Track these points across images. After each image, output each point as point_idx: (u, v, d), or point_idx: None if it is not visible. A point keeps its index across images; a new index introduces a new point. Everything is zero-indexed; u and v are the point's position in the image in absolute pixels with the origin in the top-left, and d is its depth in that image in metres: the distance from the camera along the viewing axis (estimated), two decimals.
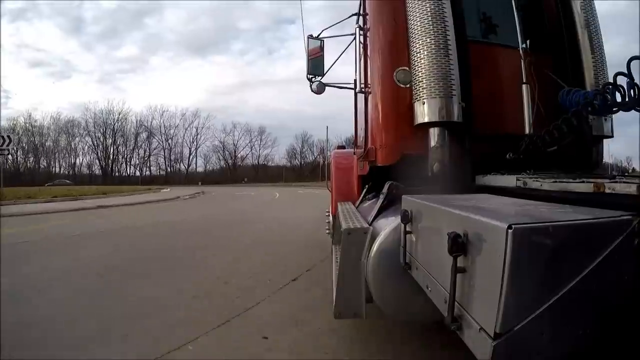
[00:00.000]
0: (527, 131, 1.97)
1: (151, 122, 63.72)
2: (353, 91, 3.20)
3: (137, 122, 61.57)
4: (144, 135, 62.42)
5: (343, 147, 5.25)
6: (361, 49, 2.46)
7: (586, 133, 1.76)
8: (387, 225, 1.66)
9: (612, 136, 2.15)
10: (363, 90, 2.41)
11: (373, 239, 1.64)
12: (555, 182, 1.23)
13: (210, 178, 58.63)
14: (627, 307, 0.77)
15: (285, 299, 3.16)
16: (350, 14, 2.90)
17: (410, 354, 2.13)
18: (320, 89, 3.17)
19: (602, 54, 2.18)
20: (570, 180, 1.18)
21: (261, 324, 2.63)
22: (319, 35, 3.10)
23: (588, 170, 2.11)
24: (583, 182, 1.10)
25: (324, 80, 3.18)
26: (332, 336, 2.39)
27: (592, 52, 2.14)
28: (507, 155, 1.93)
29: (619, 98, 1.36)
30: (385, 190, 1.95)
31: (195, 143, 65.29)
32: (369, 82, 2.32)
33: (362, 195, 2.78)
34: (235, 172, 62.50)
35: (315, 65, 3.10)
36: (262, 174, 61.35)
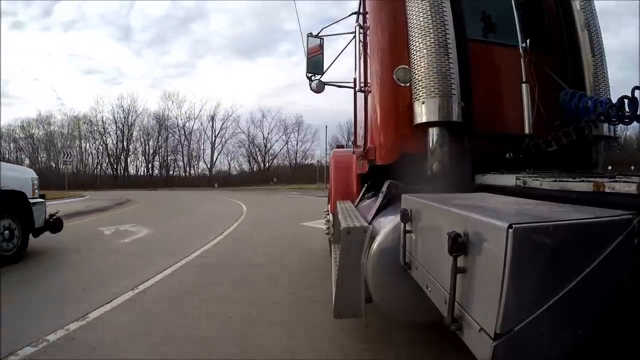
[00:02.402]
0: (526, 131, 1.97)
1: (166, 114, 51.40)
2: (352, 90, 3.20)
3: (155, 117, 50.67)
4: (162, 133, 51.11)
5: (342, 147, 5.25)
6: (361, 48, 2.45)
7: (588, 134, 1.76)
8: (387, 224, 1.66)
9: (612, 136, 2.15)
10: (363, 89, 2.40)
11: (373, 238, 1.64)
12: (555, 181, 1.23)
13: (235, 179, 48.02)
14: (627, 307, 0.77)
15: None
16: (350, 13, 2.90)
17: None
18: (319, 88, 3.17)
19: (601, 53, 2.18)
20: (570, 179, 1.18)
21: None
22: (318, 33, 3.09)
23: (588, 169, 2.11)
24: (583, 181, 1.10)
25: (324, 78, 3.17)
26: None
27: (592, 51, 2.14)
28: (507, 155, 1.93)
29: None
30: (384, 189, 1.95)
31: (215, 138, 52.03)
32: (368, 80, 2.32)
33: (361, 194, 2.78)
34: (267, 171, 49.97)
35: (315, 63, 3.09)
36: (300, 172, 48.40)
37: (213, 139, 51.65)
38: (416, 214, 1.37)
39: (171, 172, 52.07)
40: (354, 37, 2.56)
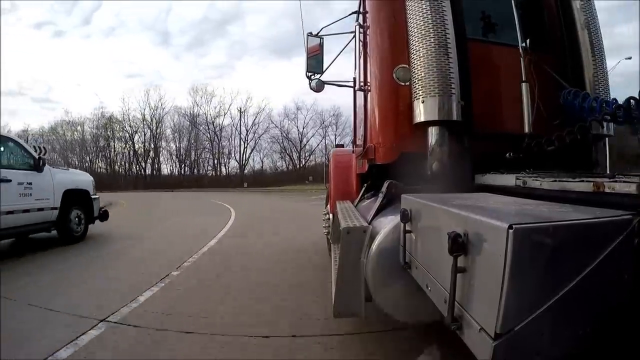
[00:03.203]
0: (526, 130, 1.97)
1: (196, 111, 46.39)
2: (352, 89, 3.20)
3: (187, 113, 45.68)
4: (191, 130, 46.37)
5: (342, 146, 5.25)
6: (361, 47, 2.45)
7: (584, 133, 1.76)
8: (387, 224, 1.66)
9: (612, 135, 2.16)
10: (362, 88, 2.40)
11: (372, 238, 1.64)
12: (555, 181, 1.23)
13: (268, 177, 42.77)
14: (627, 307, 0.77)
15: None
16: (350, 12, 2.89)
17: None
18: (319, 87, 3.17)
19: (601, 52, 2.18)
20: (570, 179, 1.18)
21: None
22: (318, 32, 3.09)
23: (588, 168, 2.12)
24: (582, 181, 1.10)
25: (323, 77, 3.17)
26: None
27: (591, 50, 2.14)
28: (507, 155, 1.93)
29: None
30: (384, 189, 1.95)
31: (247, 133, 45.90)
32: (368, 80, 2.32)
33: (360, 194, 2.78)
34: (302, 169, 43.86)
35: (315, 63, 3.09)
36: None
37: (244, 135, 45.78)
38: (416, 214, 1.37)
39: (201, 172, 46.87)
40: (354, 36, 2.56)
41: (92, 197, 5.99)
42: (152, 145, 46.68)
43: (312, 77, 3.12)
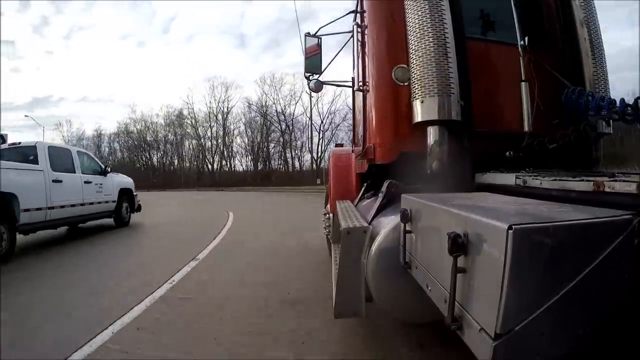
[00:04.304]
0: (526, 129, 1.97)
1: (264, 100, 40.46)
2: (351, 89, 3.19)
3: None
4: (260, 121, 40.67)
5: (341, 145, 5.24)
6: (359, 47, 2.44)
7: (589, 132, 1.76)
8: (387, 224, 1.66)
9: (611, 134, 2.16)
10: (361, 88, 2.40)
11: (373, 238, 1.64)
12: (555, 180, 1.23)
13: None
14: (627, 307, 0.77)
15: None
16: (348, 12, 2.89)
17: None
18: (318, 87, 3.16)
19: (601, 50, 2.18)
20: (570, 178, 1.18)
21: None
22: (316, 33, 3.08)
23: (588, 167, 2.11)
24: (582, 180, 1.10)
25: (322, 78, 3.17)
26: None
27: (591, 49, 2.13)
28: (507, 153, 1.93)
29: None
30: (384, 188, 1.95)
31: (322, 123, 38.22)
32: (367, 80, 2.31)
33: (360, 194, 2.78)
34: None
35: (313, 63, 3.09)
36: None
37: (320, 124, 38.24)
38: (416, 214, 1.37)
39: (273, 167, 41.20)
40: (352, 36, 2.56)
41: (134, 194, 8.28)
42: (217, 141, 42.63)
43: (311, 77, 3.11)
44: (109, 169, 7.46)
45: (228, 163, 43.48)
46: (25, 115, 46.91)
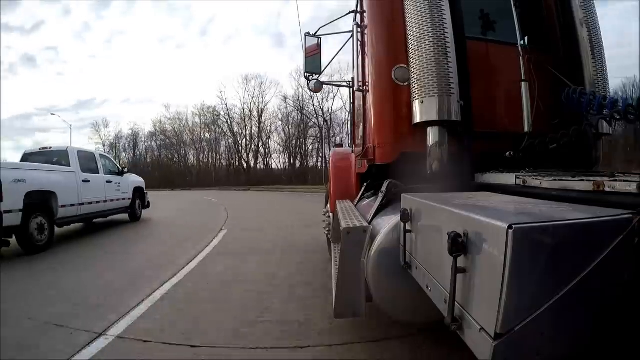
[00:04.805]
0: (526, 129, 1.97)
1: (300, 94, 36.52)
2: (351, 89, 3.19)
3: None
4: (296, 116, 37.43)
5: (341, 146, 5.24)
6: (359, 47, 2.44)
7: (589, 131, 1.76)
8: (387, 224, 1.66)
9: (610, 133, 2.15)
10: (361, 88, 2.40)
11: (373, 238, 1.64)
12: (555, 180, 1.23)
13: None
14: (627, 307, 0.77)
15: None
16: (348, 12, 2.88)
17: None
18: (317, 87, 3.16)
19: (601, 51, 2.17)
20: (570, 178, 1.18)
21: None
22: (316, 32, 3.08)
23: (587, 167, 2.11)
24: (582, 180, 1.10)
25: (321, 78, 3.17)
26: None
27: (591, 49, 2.13)
28: (507, 154, 1.93)
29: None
30: (384, 188, 1.95)
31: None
32: (367, 80, 2.31)
33: (360, 194, 2.78)
34: None
35: (313, 63, 3.09)
36: None
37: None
38: (416, 214, 1.37)
39: (310, 165, 38.31)
40: (352, 36, 2.56)
41: (145, 192, 9.20)
42: (251, 138, 39.74)
43: (311, 77, 3.11)
44: (126, 170, 8.43)
45: (264, 161, 41.04)
46: (52, 114, 48.15)
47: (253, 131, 40.20)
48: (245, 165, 40.13)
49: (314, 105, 37.09)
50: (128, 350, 2.20)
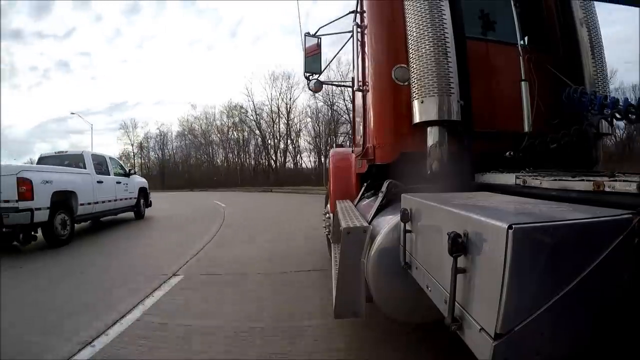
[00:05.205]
0: (526, 129, 1.97)
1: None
2: (351, 89, 3.19)
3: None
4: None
5: (341, 146, 5.24)
6: (359, 47, 2.44)
7: (589, 131, 1.76)
8: (387, 224, 1.66)
9: (610, 133, 2.15)
10: (361, 88, 2.39)
11: (373, 238, 1.64)
12: (555, 180, 1.23)
13: None
14: (627, 307, 0.77)
15: None
16: (348, 12, 2.88)
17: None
18: (317, 87, 3.16)
19: (601, 51, 2.17)
20: (570, 178, 1.18)
21: None
22: (316, 32, 3.08)
23: (587, 167, 2.11)
24: (582, 180, 1.10)
25: (321, 77, 3.17)
26: None
27: (591, 48, 2.13)
28: (507, 153, 1.92)
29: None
30: (384, 188, 1.94)
31: None
32: (367, 80, 2.31)
33: (360, 194, 2.78)
34: None
35: (313, 63, 3.09)
36: None
37: None
38: (416, 214, 1.36)
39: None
40: (352, 36, 2.56)
41: (148, 192, 10.01)
42: (279, 137, 36.78)
43: (311, 77, 3.11)
44: (132, 171, 9.29)
45: (293, 160, 38.38)
46: (72, 113, 47.51)
47: (281, 129, 37.48)
48: (273, 165, 37.40)
49: (344, 99, 33.73)
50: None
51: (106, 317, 2.73)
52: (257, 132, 37.53)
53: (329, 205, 3.63)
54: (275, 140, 37.50)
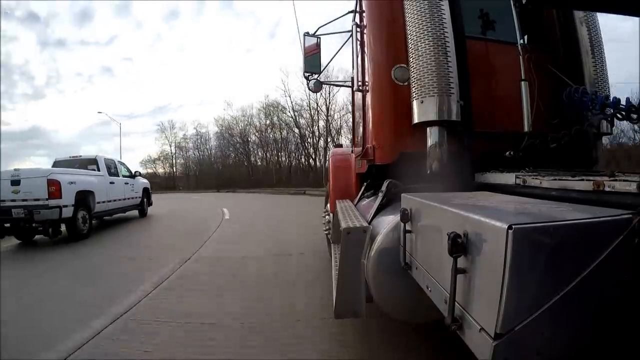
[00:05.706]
0: (526, 129, 1.96)
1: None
2: (351, 89, 3.19)
3: None
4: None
5: (341, 146, 5.24)
6: (358, 47, 2.44)
7: (590, 131, 1.76)
8: (387, 224, 1.66)
9: (611, 133, 2.15)
10: (361, 88, 2.39)
11: (373, 238, 1.64)
12: (555, 179, 1.23)
13: None
14: (628, 307, 0.77)
15: None
16: (347, 11, 2.88)
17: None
18: (317, 87, 3.16)
19: (601, 51, 2.17)
20: (570, 178, 1.18)
21: None
22: (315, 32, 3.08)
23: (587, 167, 2.11)
24: (582, 180, 1.10)
25: (320, 77, 3.17)
26: None
27: (591, 48, 2.13)
28: (507, 153, 1.92)
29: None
30: (384, 188, 1.94)
31: None
32: (366, 80, 2.31)
33: (360, 194, 2.78)
34: None
35: (312, 63, 3.09)
36: None
37: None
38: (416, 214, 1.36)
39: None
40: (351, 35, 2.56)
41: (150, 192, 10.81)
42: (318, 133, 33.36)
43: (310, 77, 3.11)
44: (138, 173, 10.11)
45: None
46: (99, 112, 49.74)
47: (321, 126, 34.35)
48: (313, 163, 34.59)
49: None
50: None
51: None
52: (296, 130, 34.79)
53: (328, 205, 3.63)
54: (315, 138, 34.65)
